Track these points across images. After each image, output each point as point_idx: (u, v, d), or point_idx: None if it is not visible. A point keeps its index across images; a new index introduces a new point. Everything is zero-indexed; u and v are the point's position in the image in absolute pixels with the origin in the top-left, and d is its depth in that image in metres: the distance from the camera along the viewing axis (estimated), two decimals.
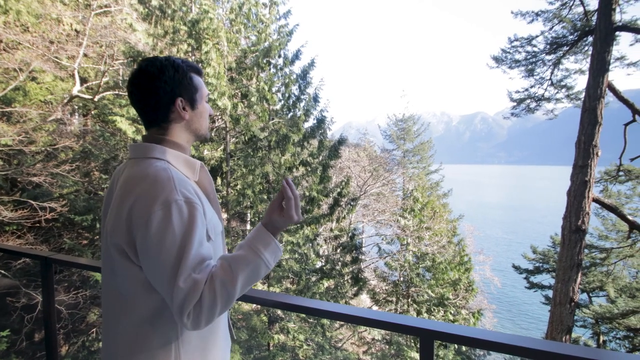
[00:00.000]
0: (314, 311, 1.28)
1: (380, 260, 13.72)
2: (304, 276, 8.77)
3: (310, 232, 8.41)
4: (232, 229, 9.21)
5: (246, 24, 8.92)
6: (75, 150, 9.88)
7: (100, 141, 10.29)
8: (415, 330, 1.11)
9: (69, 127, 10.65)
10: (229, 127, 8.74)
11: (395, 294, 11.91)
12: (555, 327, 6.95)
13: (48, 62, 8.84)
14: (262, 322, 9.21)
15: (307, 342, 8.95)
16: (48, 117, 9.59)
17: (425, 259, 11.66)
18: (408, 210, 12.62)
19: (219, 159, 8.93)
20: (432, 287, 11.08)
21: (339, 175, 18.50)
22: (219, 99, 7.64)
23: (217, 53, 7.94)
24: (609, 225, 12.95)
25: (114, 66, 10.37)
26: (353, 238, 11.74)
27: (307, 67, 9.08)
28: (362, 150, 23.40)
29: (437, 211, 14.66)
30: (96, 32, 9.55)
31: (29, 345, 6.89)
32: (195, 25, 7.85)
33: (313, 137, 9.32)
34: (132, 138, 8.17)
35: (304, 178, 9.36)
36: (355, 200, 10.93)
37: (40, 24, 9.02)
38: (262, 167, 8.32)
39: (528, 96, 10.05)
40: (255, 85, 8.38)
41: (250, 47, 8.69)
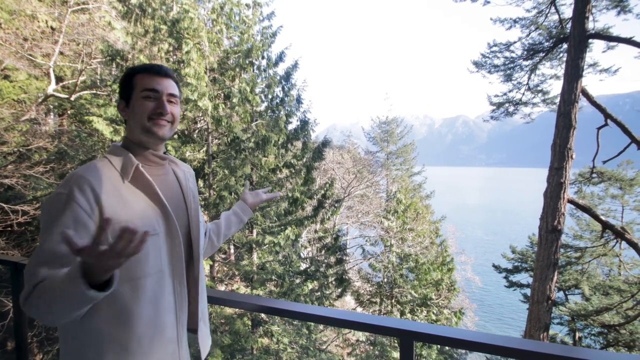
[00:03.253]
0: (296, 315, 1.27)
1: (364, 261, 13.79)
2: (288, 278, 8.72)
3: (292, 234, 8.37)
4: None
5: (228, 25, 8.83)
6: (50, 151, 9.52)
7: (76, 142, 9.96)
8: (395, 332, 1.11)
9: (44, 127, 10.26)
10: (211, 129, 8.62)
11: (379, 295, 11.99)
12: (534, 324, 7.13)
13: (22, 59, 8.51)
14: (245, 326, 9.09)
15: (292, 344, 8.89)
16: (21, 117, 9.21)
17: (409, 260, 11.78)
18: (391, 212, 12.74)
19: (201, 161, 8.79)
20: (415, 287, 11.21)
21: (323, 177, 18.52)
22: (200, 99, 7.53)
23: (198, 53, 7.82)
24: (583, 225, 13.44)
25: (91, 65, 10.07)
26: (337, 239, 11.77)
27: (290, 69, 9.06)
28: (346, 152, 23.52)
29: (420, 212, 14.86)
30: (73, 30, 9.25)
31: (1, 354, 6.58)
32: (176, 24, 7.72)
33: (297, 138, 9.29)
34: (109, 139, 7.94)
35: (288, 180, 9.32)
36: (339, 202, 10.97)
37: (13, 20, 8.68)
38: (243, 169, 8.23)
39: (507, 100, 10.33)
40: (238, 86, 8.29)
41: (233, 48, 8.61)
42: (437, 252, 13.80)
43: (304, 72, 46.87)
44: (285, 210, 9.03)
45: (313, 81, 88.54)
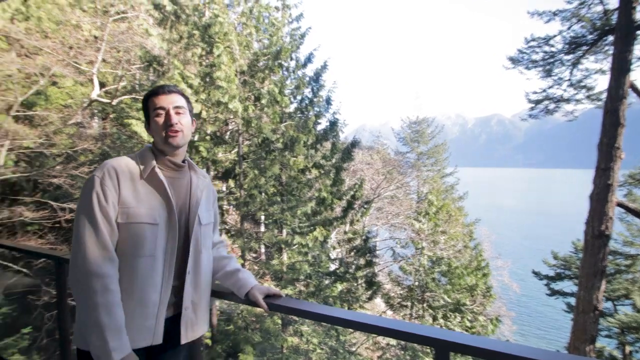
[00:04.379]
0: (325, 318, 1.22)
1: (395, 264, 13.53)
2: (316, 279, 8.71)
3: (321, 235, 8.34)
4: (245, 230, 9.22)
5: (258, 28, 8.97)
6: (94, 152, 10.11)
7: (117, 144, 10.51)
8: (430, 341, 1.03)
9: (88, 130, 10.90)
10: (241, 130, 8.78)
11: (410, 298, 11.70)
12: (578, 336, 6.66)
13: (68, 67, 9.09)
14: (275, 325, 9.17)
15: (321, 345, 8.87)
16: (68, 121, 9.84)
17: (441, 264, 11.42)
18: (423, 214, 12.40)
19: (232, 161, 8.98)
20: (448, 292, 10.84)
21: (352, 178, 18.38)
22: (230, 101, 7.69)
23: (228, 57, 7.99)
24: (634, 231, 12.41)
25: (130, 71, 10.59)
26: (367, 241, 11.61)
27: (319, 70, 9.06)
28: (375, 153, 23.22)
29: (453, 215, 14.38)
30: (114, 38, 9.77)
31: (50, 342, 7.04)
32: (207, 29, 7.93)
33: (326, 139, 9.28)
34: (147, 140, 8.29)
35: (317, 180, 9.32)
36: (368, 203, 10.82)
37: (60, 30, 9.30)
38: (272, 169, 8.32)
39: (546, 97, 9.75)
40: (267, 88, 8.40)
41: (263, 51, 8.73)
42: (471, 256, 13.28)
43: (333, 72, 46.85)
44: (314, 211, 9.03)
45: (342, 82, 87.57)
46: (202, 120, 8.42)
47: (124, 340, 1.06)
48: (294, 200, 9.17)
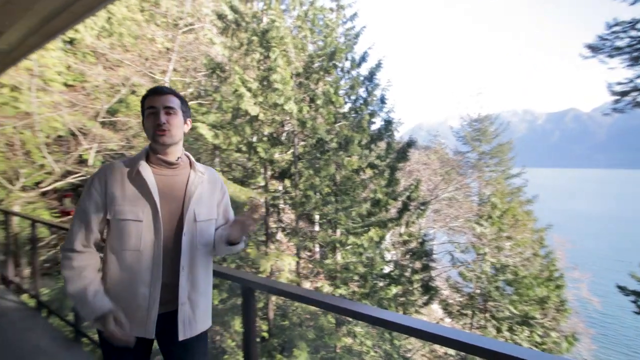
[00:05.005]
0: (378, 321, 1.18)
1: (454, 269, 12.85)
2: (370, 280, 8.59)
3: (376, 235, 8.21)
4: (300, 229, 9.42)
5: (312, 30, 9.13)
6: None
7: (185, 145, 11.36)
8: (495, 356, 0.93)
9: None
10: (296, 131, 8.98)
11: (471, 307, 11.01)
12: None
13: (144, 77, 10.08)
14: (329, 323, 9.24)
15: (375, 348, 8.73)
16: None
17: (506, 272, 10.58)
18: (485, 217, 11.62)
19: (288, 162, 9.24)
20: (515, 303, 10.01)
21: (408, 178, 17.85)
22: (286, 103, 7.91)
23: (284, 59, 8.24)
24: None
25: (197, 78, 11.41)
26: (423, 244, 11.18)
27: (373, 69, 8.96)
28: (432, 152, 22.29)
29: (520, 219, 13.27)
30: (183, 48, 10.62)
31: None
32: (265, 34, 8.26)
33: (380, 139, 9.14)
34: (210, 142, 8.87)
35: (371, 181, 9.21)
36: (425, 205, 10.43)
37: (137, 43, 10.35)
38: (327, 169, 8.39)
39: (634, 88, 8.57)
40: (322, 88, 8.50)
41: (317, 52, 8.86)
42: (542, 266, 12.12)
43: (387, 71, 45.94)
44: (368, 212, 8.93)
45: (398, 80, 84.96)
46: (259, 122, 8.79)
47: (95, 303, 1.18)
48: (348, 200, 9.15)
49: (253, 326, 1.64)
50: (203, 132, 8.66)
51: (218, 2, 10.32)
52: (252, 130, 8.91)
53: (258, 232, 10.41)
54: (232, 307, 9.14)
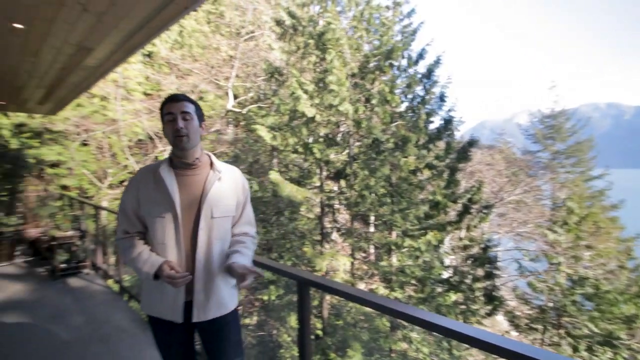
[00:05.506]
0: (435, 327, 1.14)
1: (521, 278, 11.85)
2: (428, 285, 8.28)
3: (434, 239, 7.89)
4: (355, 230, 9.40)
5: (368, 30, 9.06)
6: (228, 155, 11.80)
7: (246, 147, 12.01)
8: None
9: (225, 136, 12.78)
10: (352, 131, 8.98)
11: (542, 321, 10.05)
12: None
13: (210, 84, 10.84)
14: (384, 326, 9.09)
15: (432, 357, 8.40)
16: (210, 129, 11.72)
17: (585, 285, 9.48)
18: (559, 223, 10.53)
19: (343, 162, 9.28)
20: (595, 320, 8.92)
21: (469, 179, 16.86)
22: (341, 104, 7.94)
23: (340, 61, 8.28)
24: None
25: (256, 82, 11.96)
26: (486, 250, 10.47)
27: (432, 66, 8.64)
28: (497, 152, 20.76)
29: (603, 227, 11.82)
30: (244, 55, 11.22)
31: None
32: (321, 37, 8.38)
33: (439, 138, 8.77)
34: (269, 143, 9.23)
35: (429, 182, 8.87)
36: (488, 208, 9.76)
37: (204, 53, 11.16)
38: (382, 170, 8.26)
39: None
40: (377, 88, 8.40)
41: (373, 52, 8.78)
42: (630, 280, 10.67)
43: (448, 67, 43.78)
44: (426, 214, 8.61)
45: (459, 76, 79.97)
46: (315, 123, 8.95)
47: (149, 262, 1.34)
48: (404, 201, 8.92)
49: (307, 323, 1.67)
50: (262, 134, 9.04)
51: (276, 9, 10.74)
52: (309, 131, 9.10)
53: (313, 232, 10.60)
54: (288, 304, 9.42)
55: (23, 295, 4.05)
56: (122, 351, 2.79)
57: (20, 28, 2.56)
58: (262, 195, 10.42)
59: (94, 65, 3.56)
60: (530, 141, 21.95)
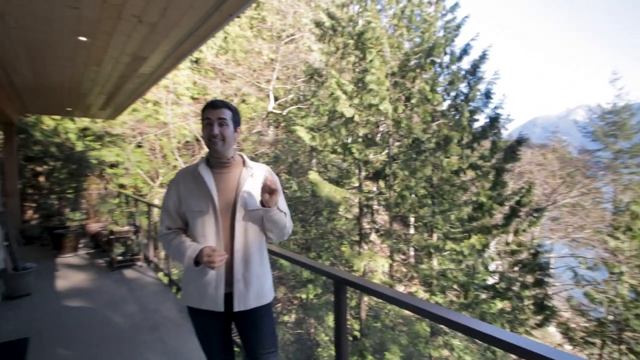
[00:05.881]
0: (479, 335, 1.09)
1: (577, 288, 10.96)
2: (472, 291, 7.93)
3: (478, 243, 7.55)
4: (394, 231, 9.25)
5: (409, 27, 8.87)
6: (269, 155, 12.12)
7: (286, 147, 12.25)
8: None
9: (266, 137, 13.15)
10: (391, 131, 8.84)
11: (600, 335, 9.23)
12: None
13: (252, 86, 11.20)
14: (424, 331, 8.85)
15: None
16: (252, 130, 12.11)
17: None
18: (622, 229, 9.60)
19: (382, 162, 9.16)
20: None
21: (518, 181, 15.90)
22: (381, 103, 7.84)
23: (380, 60, 8.19)
24: None
25: (296, 84, 12.16)
26: (537, 256, 9.80)
27: (477, 62, 8.26)
28: (550, 151, 19.35)
29: None
30: (284, 58, 11.46)
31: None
32: (360, 36, 8.33)
33: (484, 137, 8.37)
34: (309, 144, 9.35)
35: (473, 183, 8.50)
36: (539, 212, 9.14)
37: (247, 57, 11.55)
38: (423, 170, 8.04)
39: None
40: (418, 86, 8.20)
41: (414, 49, 8.58)
42: None
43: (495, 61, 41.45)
44: (470, 216, 8.26)
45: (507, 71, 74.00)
46: (354, 123, 8.92)
47: (190, 248, 1.44)
48: (446, 203, 8.63)
49: (344, 323, 1.67)
50: (301, 134, 9.18)
51: (316, 11, 10.85)
52: (347, 131, 9.09)
53: (352, 232, 10.57)
54: (326, 303, 9.48)
55: (85, 284, 4.46)
56: (169, 340, 2.98)
57: (85, 41, 2.83)
58: (301, 195, 10.58)
59: (148, 73, 3.84)
60: (589, 139, 20.18)
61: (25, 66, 3.57)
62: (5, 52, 3.10)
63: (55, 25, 2.50)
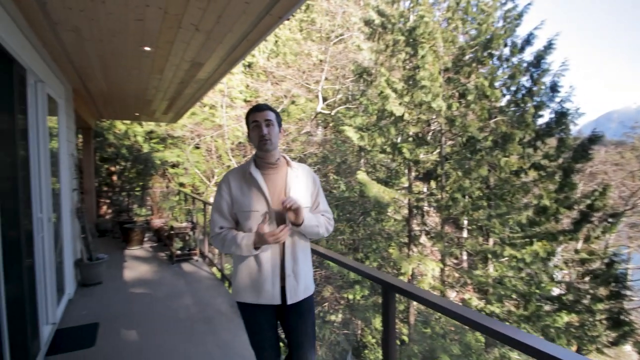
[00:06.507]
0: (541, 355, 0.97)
1: None
2: (534, 302, 7.32)
3: (542, 250, 6.95)
4: (445, 234, 8.85)
5: (464, 19, 8.40)
6: (317, 155, 12.23)
7: (334, 148, 12.28)
8: None
9: (314, 137, 13.29)
10: (444, 130, 8.47)
11: None
12: None
13: (301, 88, 11.37)
14: (477, 342, 8.36)
15: None
16: (301, 131, 12.31)
17: None
18: None
19: (434, 162, 8.80)
20: None
21: (590, 182, 14.38)
22: (433, 100, 7.53)
23: (433, 55, 7.86)
24: None
25: (345, 84, 12.12)
26: (612, 266, 8.77)
27: (541, 52, 7.60)
28: (629, 149, 17.21)
29: None
30: (333, 58, 11.48)
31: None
32: (412, 32, 8.07)
33: (550, 134, 7.69)
34: (357, 144, 9.27)
35: (536, 184, 7.84)
36: (616, 217, 8.17)
37: (297, 59, 11.75)
38: (479, 170, 7.58)
39: None
40: (474, 82, 7.74)
41: (469, 43, 8.12)
42: None
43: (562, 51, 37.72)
44: (531, 221, 7.62)
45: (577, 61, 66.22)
46: (404, 122, 8.68)
47: (245, 237, 1.52)
48: (504, 206, 8.06)
49: (392, 328, 1.62)
50: (350, 134, 9.14)
51: (365, 9, 10.73)
52: (397, 131, 8.87)
53: (400, 234, 10.30)
54: (373, 305, 9.34)
55: (148, 275, 4.84)
56: (221, 333, 3.12)
57: (149, 50, 3.06)
58: (349, 196, 10.53)
59: (204, 78, 4.05)
60: None
61: (99, 75, 3.95)
62: (81, 62, 3.46)
63: (123, 37, 2.73)
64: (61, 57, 3.27)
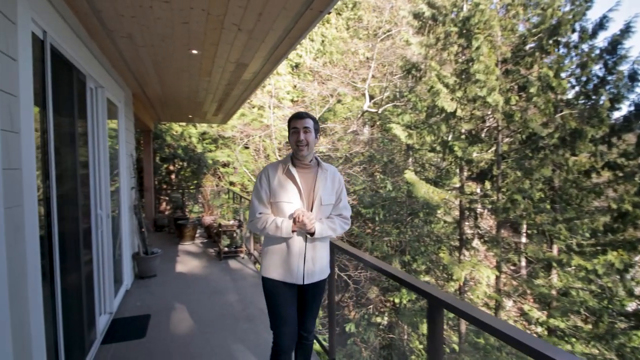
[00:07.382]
0: None
1: None
2: (606, 318, 6.51)
3: (618, 260, 6.15)
4: (502, 239, 8.20)
5: (526, 5, 7.69)
6: (364, 154, 12.03)
7: (381, 147, 11.99)
8: None
9: (361, 136, 13.08)
10: (501, 126, 7.85)
11: None
12: None
13: (347, 86, 11.23)
14: None
15: None
16: (347, 130, 12.19)
17: None
18: None
19: (488, 162, 8.20)
20: None
21: None
22: (489, 95, 7.00)
23: (489, 46, 7.31)
24: None
25: (392, 81, 11.76)
26: None
27: (617, 37, 6.72)
28: None
29: None
30: (380, 55, 11.18)
31: None
32: (466, 22, 7.57)
33: (628, 130, 6.78)
34: (405, 142, 8.93)
35: (610, 186, 6.97)
36: None
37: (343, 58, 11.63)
38: (541, 170, 6.91)
39: None
40: (537, 73, 7.06)
41: (531, 30, 7.41)
42: None
43: None
44: (606, 227, 6.78)
45: None
46: (456, 119, 8.19)
47: (285, 220, 1.76)
48: (571, 210, 7.28)
49: (440, 345, 1.46)
50: (397, 132, 8.84)
51: (414, 2, 10.30)
52: (448, 128, 8.40)
53: (451, 237, 9.77)
54: (421, 310, 8.96)
55: (198, 270, 5.05)
56: (262, 332, 3.13)
57: (196, 53, 3.15)
58: (396, 196, 10.19)
59: (249, 79, 4.11)
60: None
61: (154, 79, 4.17)
62: (137, 68, 3.67)
63: (171, 40, 2.82)
64: (119, 63, 3.49)
